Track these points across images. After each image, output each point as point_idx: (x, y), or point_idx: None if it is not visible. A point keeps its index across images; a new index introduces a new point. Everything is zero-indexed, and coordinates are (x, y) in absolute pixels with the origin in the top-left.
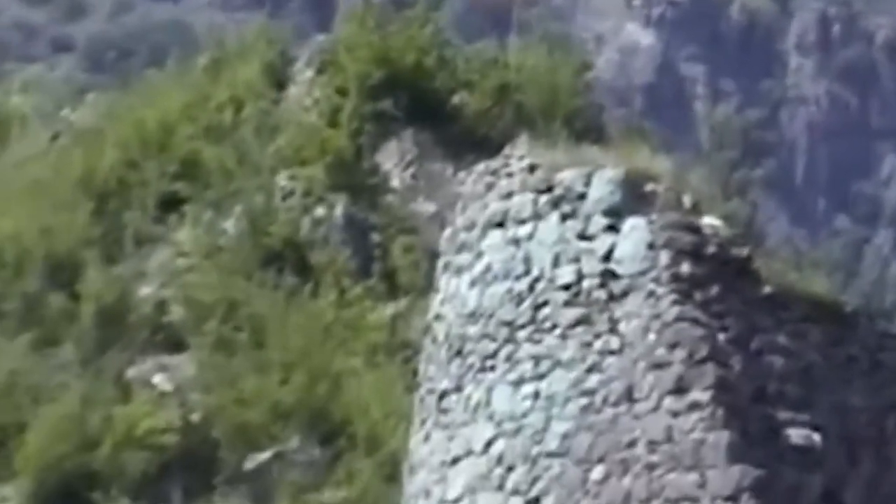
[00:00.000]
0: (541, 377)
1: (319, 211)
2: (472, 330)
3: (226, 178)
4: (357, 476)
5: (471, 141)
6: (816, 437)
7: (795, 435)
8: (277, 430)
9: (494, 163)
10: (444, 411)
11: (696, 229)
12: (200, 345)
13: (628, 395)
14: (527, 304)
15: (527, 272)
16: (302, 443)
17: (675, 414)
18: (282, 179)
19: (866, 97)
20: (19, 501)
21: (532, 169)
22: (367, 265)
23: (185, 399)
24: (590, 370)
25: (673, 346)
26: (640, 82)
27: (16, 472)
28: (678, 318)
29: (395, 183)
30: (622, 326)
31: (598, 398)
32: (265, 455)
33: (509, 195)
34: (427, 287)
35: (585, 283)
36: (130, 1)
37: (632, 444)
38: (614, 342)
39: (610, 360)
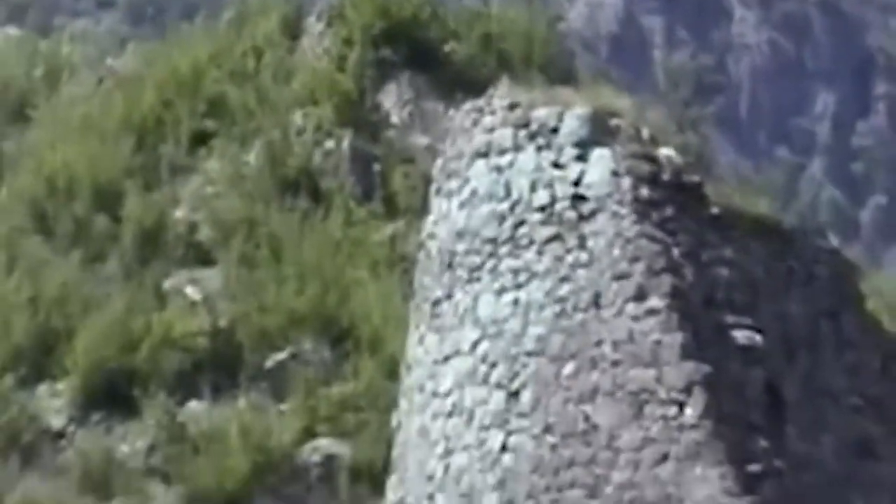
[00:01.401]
0: (519, 287)
1: (329, 144)
2: (461, 246)
3: (248, 117)
4: (362, 373)
5: (460, 83)
6: (758, 337)
7: (740, 336)
8: (293, 333)
9: (480, 102)
10: (437, 317)
11: (653, 159)
12: (226, 260)
13: (595, 302)
14: (507, 223)
15: (507, 196)
16: (314, 345)
17: (636, 318)
18: (296, 117)
19: (801, 45)
20: (70, 396)
21: (512, 107)
22: (371, 191)
23: (214, 307)
24: (562, 280)
25: (634, 260)
26: (605, 32)
27: (67, 371)
28: (638, 236)
29: (394, 120)
30: (590, 243)
31: (569, 305)
32: (283, 355)
33: (492, 130)
34: (422, 209)
35: (558, 206)
36: None
37: (598, 344)
38: (583, 256)
39: (579, 271)
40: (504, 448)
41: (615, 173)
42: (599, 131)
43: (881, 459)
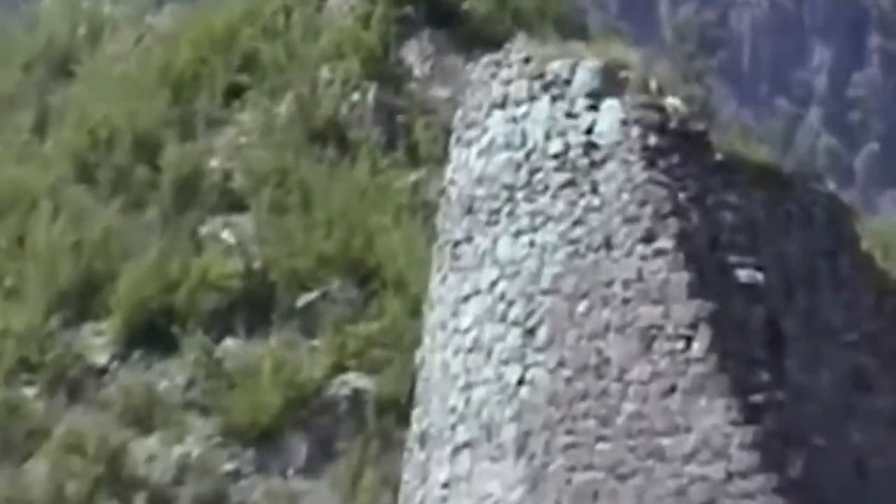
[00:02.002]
0: (535, 229)
1: (355, 97)
2: (480, 191)
3: (279, 71)
4: (387, 312)
5: (478, 39)
6: (760, 277)
7: (743, 275)
8: (322, 275)
9: (497, 56)
10: (458, 258)
11: (661, 108)
12: (259, 207)
13: (607, 244)
14: (524, 170)
15: (523, 144)
16: (342, 285)
17: (645, 258)
18: (324, 72)
19: (800, 0)
20: (113, 335)
21: (527, 60)
22: (394, 140)
23: (247, 251)
24: (575, 223)
25: (642, 204)
26: None
27: (110, 312)
28: (647, 181)
29: (416, 73)
30: (601, 188)
31: (582, 246)
32: (312, 295)
33: (509, 82)
34: (443, 157)
35: (571, 153)
36: None
37: (610, 283)
38: (595, 201)
39: (592, 215)
40: (521, 382)
41: (625, 122)
42: (610, 83)
43: (876, 391)
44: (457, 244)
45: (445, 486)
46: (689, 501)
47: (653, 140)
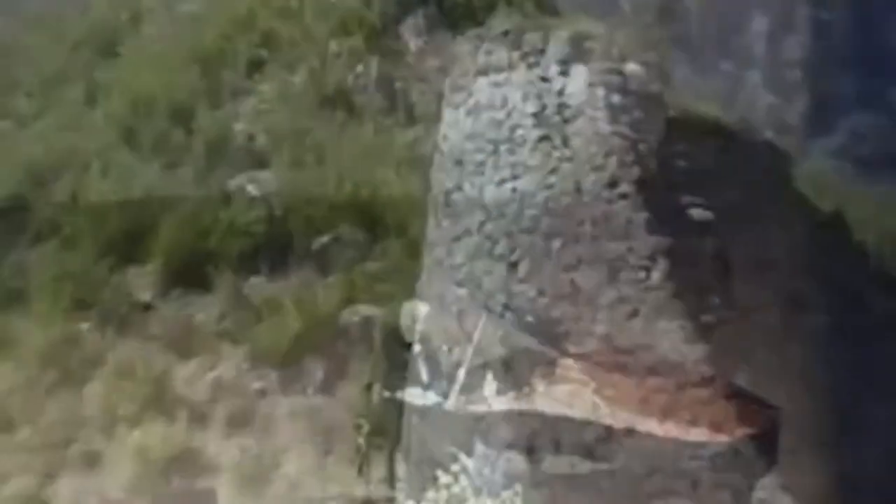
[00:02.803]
0: (516, 178)
1: (359, 68)
2: (468, 146)
3: (294, 46)
4: (390, 252)
5: (465, 16)
6: (709, 214)
7: (695, 214)
8: (334, 221)
9: (480, 30)
10: (450, 204)
11: (622, 73)
12: (279, 163)
13: (577, 189)
14: (505, 127)
15: (504, 105)
16: (351, 230)
17: (610, 201)
18: (333, 46)
19: None
20: (155, 276)
21: (507, 33)
22: (394, 104)
23: (269, 201)
24: (550, 172)
25: (608, 154)
26: None
27: (153, 256)
28: (611, 135)
29: (412, 47)
30: (572, 141)
31: (556, 191)
32: (326, 239)
33: (491, 52)
34: (436, 118)
35: (546, 112)
36: None
37: (581, 223)
38: (567, 153)
39: (564, 165)
40: (507, 309)
41: (591, 85)
42: (578, 51)
43: (810, 311)
44: (449, 192)
45: (445, 398)
46: (651, 408)
47: (616, 100)
